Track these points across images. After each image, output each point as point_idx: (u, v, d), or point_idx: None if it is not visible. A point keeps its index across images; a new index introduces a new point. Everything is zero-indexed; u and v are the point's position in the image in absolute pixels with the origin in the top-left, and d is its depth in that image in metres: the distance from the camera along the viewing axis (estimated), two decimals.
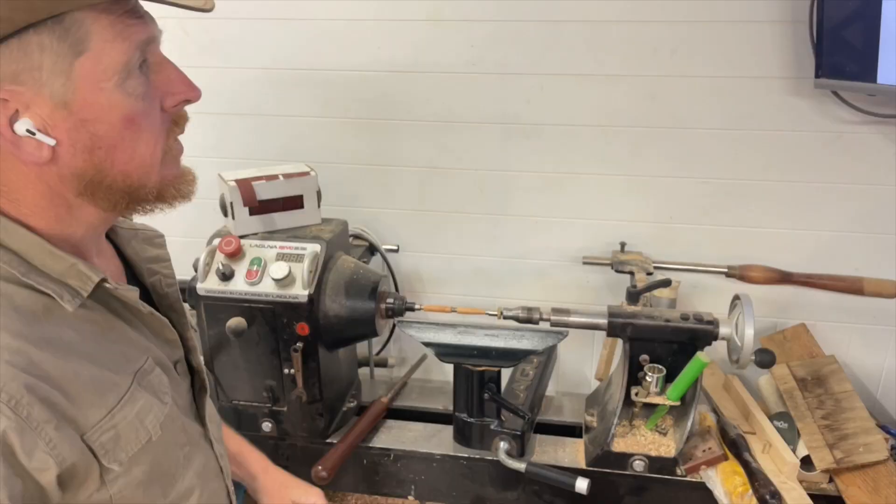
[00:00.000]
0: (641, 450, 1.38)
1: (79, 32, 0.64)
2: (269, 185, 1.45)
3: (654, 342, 1.36)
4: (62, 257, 0.69)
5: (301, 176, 1.49)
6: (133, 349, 0.76)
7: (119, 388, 0.71)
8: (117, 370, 0.72)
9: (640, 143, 1.63)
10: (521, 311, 1.40)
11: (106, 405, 0.69)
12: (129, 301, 0.76)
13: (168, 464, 0.78)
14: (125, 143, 0.70)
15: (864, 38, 1.33)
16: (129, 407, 0.72)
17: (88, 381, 0.68)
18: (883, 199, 1.58)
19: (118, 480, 0.71)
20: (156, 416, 0.75)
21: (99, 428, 0.68)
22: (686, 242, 1.70)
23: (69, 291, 0.69)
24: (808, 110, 1.53)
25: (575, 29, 1.56)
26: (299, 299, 1.36)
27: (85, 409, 0.67)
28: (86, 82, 0.65)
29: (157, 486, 0.77)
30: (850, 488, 1.35)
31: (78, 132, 0.67)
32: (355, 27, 1.65)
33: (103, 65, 0.66)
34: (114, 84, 0.67)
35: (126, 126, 0.69)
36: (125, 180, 0.71)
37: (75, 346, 0.68)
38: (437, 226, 1.81)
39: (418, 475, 1.51)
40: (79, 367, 0.68)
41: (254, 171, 1.49)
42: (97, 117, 0.67)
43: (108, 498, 0.70)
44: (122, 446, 0.71)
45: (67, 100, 0.65)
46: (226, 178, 1.45)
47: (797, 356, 1.63)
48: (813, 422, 1.44)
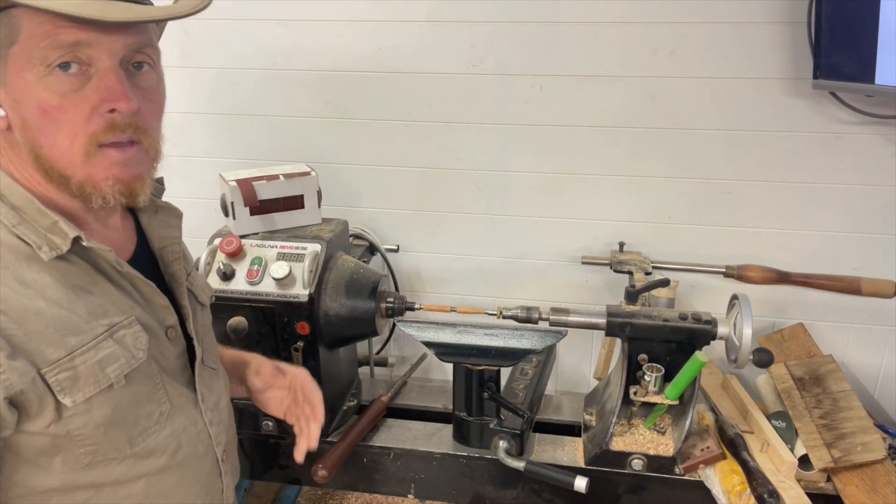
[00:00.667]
0: (640, 449, 1.39)
1: (13, 26, 0.75)
2: (270, 185, 1.46)
3: (653, 342, 1.36)
4: (47, 214, 0.79)
5: (301, 176, 1.49)
6: (114, 306, 0.84)
7: (84, 334, 0.79)
8: (88, 320, 0.80)
9: (640, 143, 1.64)
10: (520, 311, 1.41)
11: (66, 347, 0.78)
12: (107, 259, 0.83)
13: (136, 416, 0.85)
14: (45, 129, 0.78)
15: (862, 40, 1.34)
16: (91, 353, 0.80)
17: (50, 323, 0.77)
18: (881, 200, 1.58)
19: (76, 418, 0.79)
20: (120, 367, 0.82)
21: (57, 366, 0.77)
22: (684, 242, 1.70)
23: (48, 244, 0.79)
24: (806, 111, 1.54)
25: (575, 30, 1.57)
26: (300, 299, 1.36)
27: (42, 346, 0.76)
28: (14, 69, 0.76)
29: (121, 432, 0.84)
30: (847, 487, 1.36)
31: (13, 110, 0.78)
32: (355, 27, 1.65)
33: (25, 56, 0.75)
34: (34, 75, 0.75)
35: (41, 115, 0.77)
36: (54, 165, 0.79)
37: (47, 293, 0.77)
38: (437, 226, 1.82)
39: (418, 474, 1.52)
40: (43, 309, 0.76)
41: (254, 171, 1.50)
42: (20, 101, 0.77)
43: (66, 431, 0.79)
44: (79, 387, 0.79)
45: (6, 81, 0.77)
46: (226, 178, 1.45)
47: (795, 356, 1.63)
48: (811, 421, 1.45)
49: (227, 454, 1.03)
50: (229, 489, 1.05)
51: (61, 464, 0.80)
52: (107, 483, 0.84)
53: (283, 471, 1.57)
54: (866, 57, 1.33)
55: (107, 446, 0.83)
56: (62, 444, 0.80)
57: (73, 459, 0.81)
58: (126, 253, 0.92)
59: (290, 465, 1.56)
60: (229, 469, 1.04)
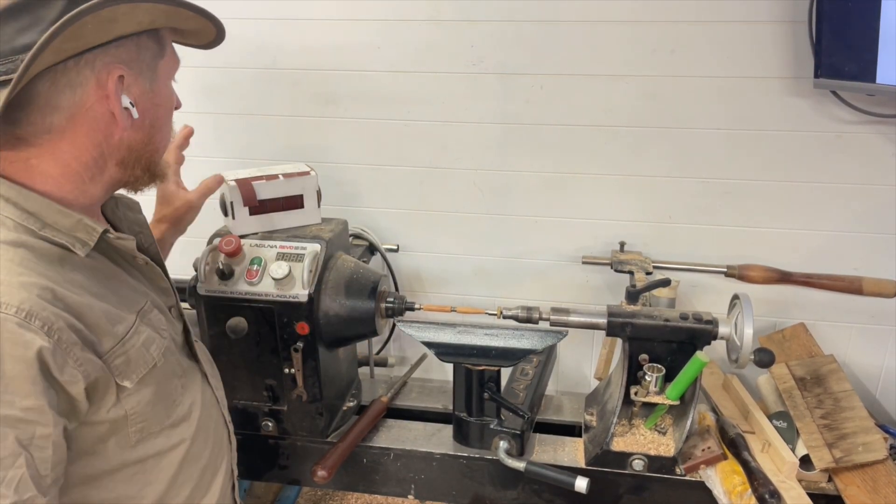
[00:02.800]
0: (641, 449, 1.39)
1: (163, 42, 0.93)
2: (269, 184, 1.46)
3: (654, 342, 1.36)
4: (70, 214, 0.85)
5: (301, 176, 1.49)
6: (133, 293, 0.93)
7: (126, 321, 0.88)
8: (123, 308, 0.89)
9: (640, 142, 1.63)
10: (520, 311, 1.41)
11: (116, 335, 0.86)
12: (128, 250, 0.93)
13: (169, 389, 0.95)
14: (166, 126, 0.97)
15: (863, 39, 1.34)
16: (136, 338, 0.88)
17: (101, 315, 0.84)
18: (882, 199, 1.58)
19: (131, 398, 0.87)
20: (158, 346, 0.92)
21: (113, 353, 0.85)
22: (685, 242, 1.70)
23: (79, 241, 0.85)
24: (807, 110, 1.54)
25: (575, 29, 1.56)
26: (299, 299, 1.36)
27: (100, 337, 0.83)
28: (162, 77, 0.93)
29: (162, 406, 0.93)
30: (849, 487, 1.35)
31: (149, 111, 0.91)
32: (355, 27, 1.65)
33: (169, 67, 0.95)
34: (171, 82, 0.97)
35: (170, 114, 0.98)
36: (154, 155, 0.95)
37: (87, 287, 0.84)
38: (437, 226, 1.81)
39: (418, 474, 1.51)
40: (93, 303, 0.83)
41: (254, 171, 1.50)
42: (161, 103, 0.94)
43: (123, 413, 0.87)
44: (133, 368, 0.87)
45: (152, 87, 0.91)
46: (226, 178, 1.45)
47: (796, 356, 1.63)
48: (812, 421, 1.45)
49: (227, 412, 1.15)
50: (234, 446, 1.17)
51: (114, 446, 0.87)
52: (151, 456, 0.92)
53: (282, 471, 1.56)
54: (867, 56, 1.33)
55: (152, 420, 0.91)
56: (117, 426, 0.87)
57: (124, 440, 0.88)
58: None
59: (289, 465, 1.55)
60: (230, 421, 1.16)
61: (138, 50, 0.87)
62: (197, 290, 1.38)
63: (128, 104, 0.87)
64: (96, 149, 0.87)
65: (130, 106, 0.87)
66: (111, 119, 0.86)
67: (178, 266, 1.41)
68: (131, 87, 0.87)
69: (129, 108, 0.87)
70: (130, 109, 0.87)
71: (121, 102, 0.86)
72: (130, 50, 0.86)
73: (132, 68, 0.87)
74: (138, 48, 0.87)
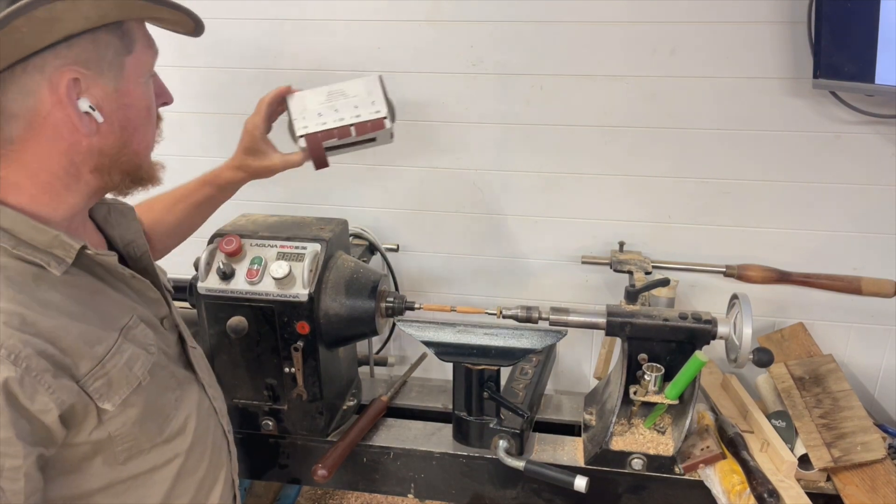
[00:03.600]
0: (640, 448, 1.39)
1: (130, 37, 0.84)
2: (342, 140, 1.29)
3: (653, 341, 1.36)
4: (45, 230, 0.81)
5: (375, 127, 1.29)
6: (117, 309, 0.88)
7: (107, 341, 0.83)
8: (104, 327, 0.84)
9: (639, 143, 1.64)
10: (520, 311, 1.41)
11: (95, 356, 0.81)
12: (110, 265, 0.88)
13: (161, 405, 0.92)
14: (143, 127, 0.88)
15: (862, 39, 1.34)
16: (117, 357, 0.84)
17: (77, 337, 0.79)
18: (881, 199, 1.58)
19: (114, 420, 0.84)
20: (143, 364, 0.88)
21: (92, 375, 0.80)
22: (684, 242, 1.70)
23: (55, 259, 0.81)
24: (806, 110, 1.54)
25: (575, 29, 1.57)
26: (299, 298, 1.36)
27: (77, 360, 0.79)
28: (131, 75, 0.84)
29: (153, 424, 0.90)
30: (847, 487, 1.36)
31: (117, 113, 0.84)
32: (355, 26, 1.65)
33: (141, 64, 0.86)
34: (144, 80, 0.87)
35: (146, 114, 0.89)
36: (134, 159, 0.88)
37: (63, 308, 0.80)
38: (437, 226, 1.82)
39: (418, 473, 1.52)
40: (68, 325, 0.79)
41: (322, 100, 1.30)
42: (132, 103, 0.85)
43: (107, 435, 0.83)
44: (114, 390, 0.83)
45: (117, 87, 0.83)
46: (296, 129, 1.29)
47: (795, 355, 1.63)
48: (811, 420, 1.45)
49: (226, 421, 1.12)
50: (234, 456, 1.14)
51: (101, 465, 0.85)
52: (143, 472, 0.90)
53: (282, 470, 1.57)
54: (866, 56, 1.33)
55: (142, 439, 0.88)
56: (102, 446, 0.84)
57: (112, 458, 0.85)
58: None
59: (289, 464, 1.56)
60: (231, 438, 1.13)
61: (96, 48, 0.79)
62: (197, 290, 1.38)
63: (87, 108, 0.80)
64: (64, 157, 0.82)
65: (91, 110, 0.80)
66: (73, 125, 0.80)
67: (178, 265, 1.42)
68: (91, 88, 0.80)
69: (91, 112, 0.80)
70: (92, 114, 0.81)
71: (77, 107, 0.79)
72: (86, 49, 0.78)
73: (90, 68, 0.79)
74: (96, 46, 0.79)
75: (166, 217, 1.28)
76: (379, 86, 1.31)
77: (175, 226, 1.30)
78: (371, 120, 1.29)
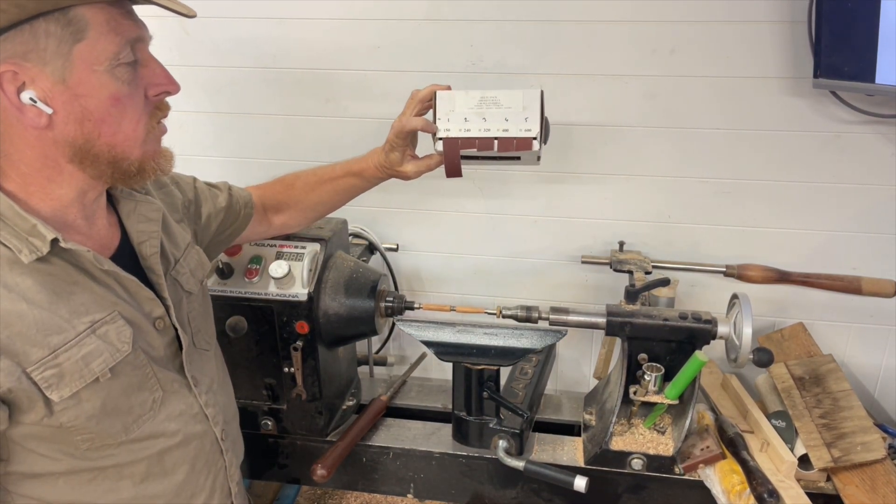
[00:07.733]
0: (640, 448, 1.39)
1: (79, 24, 0.78)
2: (480, 153, 1.19)
3: (653, 341, 1.36)
4: (26, 218, 0.82)
5: (521, 146, 1.16)
6: (95, 303, 0.87)
7: (67, 333, 0.83)
8: (70, 318, 0.84)
9: (640, 142, 1.63)
10: (519, 310, 1.41)
11: (48, 346, 0.82)
12: (87, 259, 0.86)
13: (129, 405, 0.91)
14: (111, 118, 0.84)
15: (862, 39, 1.34)
16: (74, 350, 0.84)
17: (32, 324, 0.80)
18: (881, 199, 1.58)
19: (67, 412, 0.84)
20: (105, 361, 0.86)
21: (42, 364, 0.81)
22: (684, 242, 1.70)
23: (28, 247, 0.81)
24: (806, 110, 1.54)
25: (575, 28, 1.57)
26: (299, 298, 1.36)
27: (27, 347, 0.80)
28: (82, 64, 0.80)
29: (116, 421, 0.89)
30: (847, 487, 1.36)
31: (72, 104, 0.81)
32: (354, 25, 1.65)
33: (97, 51, 0.80)
34: (104, 68, 0.81)
35: (112, 104, 0.83)
36: (110, 151, 0.85)
37: (28, 295, 0.81)
38: (436, 225, 1.82)
39: (417, 473, 1.52)
40: (25, 311, 0.80)
41: (473, 105, 1.18)
42: (88, 93, 0.81)
43: (59, 424, 0.84)
44: (65, 382, 0.83)
45: (65, 77, 0.79)
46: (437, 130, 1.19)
47: (795, 355, 1.63)
48: (811, 421, 1.45)
49: (226, 432, 1.08)
50: (232, 466, 1.11)
51: (61, 452, 0.87)
52: (110, 466, 0.91)
53: (282, 470, 1.57)
54: (866, 56, 1.33)
55: (102, 434, 0.88)
56: (58, 434, 0.85)
57: (72, 446, 0.87)
58: (110, 249, 0.95)
59: (289, 464, 1.56)
60: (230, 446, 1.10)
61: (35, 39, 0.76)
62: None
63: (28, 100, 0.78)
64: (34, 149, 0.82)
65: (32, 102, 0.78)
66: (22, 116, 0.80)
67: None
68: (36, 80, 0.78)
69: (34, 103, 0.79)
70: (37, 105, 0.79)
71: (19, 100, 0.78)
72: (24, 40, 0.76)
73: (30, 60, 0.77)
74: (34, 37, 0.76)
75: (309, 195, 1.32)
76: (538, 101, 1.17)
77: (317, 203, 1.34)
78: (518, 138, 1.16)
